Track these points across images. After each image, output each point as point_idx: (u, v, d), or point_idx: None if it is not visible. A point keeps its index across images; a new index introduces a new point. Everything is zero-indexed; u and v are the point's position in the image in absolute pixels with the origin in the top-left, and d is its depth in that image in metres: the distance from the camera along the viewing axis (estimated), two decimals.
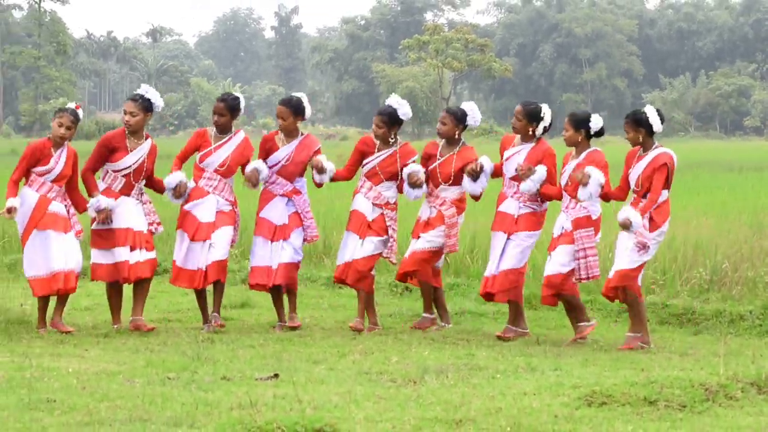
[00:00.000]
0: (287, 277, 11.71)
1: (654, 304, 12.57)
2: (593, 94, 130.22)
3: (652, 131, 10.90)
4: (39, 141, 11.31)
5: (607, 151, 11.22)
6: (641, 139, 10.92)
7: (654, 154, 10.86)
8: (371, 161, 11.77)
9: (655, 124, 10.89)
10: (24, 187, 11.16)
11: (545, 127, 11.50)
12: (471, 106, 11.88)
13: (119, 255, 11.29)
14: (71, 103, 11.48)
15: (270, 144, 11.79)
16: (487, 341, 11.14)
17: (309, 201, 11.92)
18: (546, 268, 11.22)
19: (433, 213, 11.67)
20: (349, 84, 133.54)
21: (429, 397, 8.07)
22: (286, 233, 11.72)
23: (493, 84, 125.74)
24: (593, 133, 11.20)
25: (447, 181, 11.66)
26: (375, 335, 11.40)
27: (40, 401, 7.75)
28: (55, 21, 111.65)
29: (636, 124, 10.92)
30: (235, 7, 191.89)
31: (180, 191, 11.49)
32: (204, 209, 11.50)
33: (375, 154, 11.76)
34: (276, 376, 8.86)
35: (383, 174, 11.74)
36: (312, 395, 8.04)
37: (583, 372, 9.30)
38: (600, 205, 11.21)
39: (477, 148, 11.75)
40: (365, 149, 11.83)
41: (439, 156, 11.73)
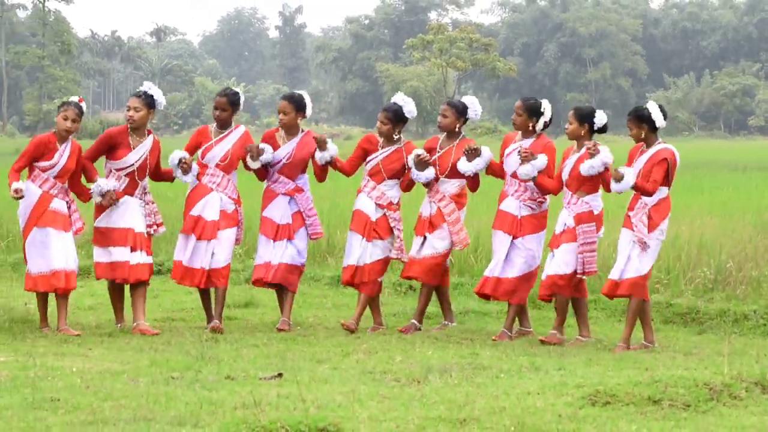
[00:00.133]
0: (284, 278, 11.66)
1: (658, 303, 12.56)
2: (597, 93, 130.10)
3: (654, 127, 10.86)
4: (44, 135, 11.29)
5: (612, 150, 11.19)
6: (644, 136, 10.88)
7: (655, 149, 10.83)
8: (374, 158, 11.76)
9: (658, 119, 10.85)
10: (27, 182, 11.14)
11: (546, 122, 11.49)
12: (471, 99, 11.88)
13: (118, 255, 11.28)
14: (74, 97, 11.49)
15: (270, 142, 11.77)
16: (491, 340, 11.14)
17: (312, 198, 11.91)
18: (548, 266, 11.19)
19: (434, 209, 11.65)
20: (353, 83, 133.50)
21: (433, 397, 8.06)
22: (289, 232, 11.72)
23: (497, 83, 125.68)
24: (596, 129, 11.20)
25: (445, 173, 11.64)
26: (379, 334, 11.40)
27: (44, 400, 7.75)
28: (60, 20, 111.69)
29: (639, 120, 10.89)
30: (240, 7, 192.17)
31: (186, 166, 11.47)
32: (208, 208, 11.51)
33: (378, 151, 11.77)
34: (280, 375, 8.86)
35: (386, 172, 11.72)
36: (316, 394, 8.04)
37: (587, 371, 9.30)
38: (602, 200, 11.21)
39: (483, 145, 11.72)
40: (368, 147, 11.83)
41: (439, 149, 11.72)
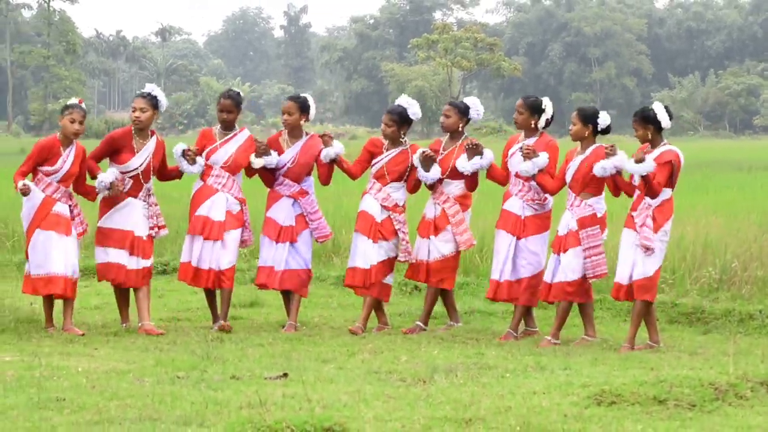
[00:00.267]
0: (294, 284, 11.70)
1: (663, 303, 12.54)
2: (602, 93, 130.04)
3: (660, 128, 10.82)
4: (47, 139, 11.28)
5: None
6: (650, 137, 10.83)
7: (660, 150, 10.78)
8: (379, 161, 11.76)
9: (664, 120, 10.80)
10: (31, 184, 11.13)
11: (547, 120, 11.48)
12: (473, 100, 11.90)
13: (116, 257, 11.30)
14: (74, 99, 11.48)
15: (274, 146, 11.77)
16: (497, 340, 11.14)
17: (317, 200, 11.92)
18: (556, 273, 11.08)
19: (438, 211, 11.65)
20: (358, 83, 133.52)
21: (438, 396, 8.06)
22: (292, 235, 11.72)
23: (502, 83, 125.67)
24: (600, 130, 11.18)
25: (446, 173, 11.62)
26: (384, 334, 11.41)
27: (49, 400, 7.76)
28: (65, 20, 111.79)
29: (644, 121, 10.83)
30: (245, 7, 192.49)
31: (190, 156, 11.45)
32: (214, 208, 11.51)
33: (383, 154, 11.77)
34: (285, 375, 8.86)
35: (390, 175, 11.72)
36: (321, 394, 8.04)
37: (593, 371, 9.29)
38: (605, 203, 11.19)
39: (486, 146, 11.69)
40: (374, 150, 11.83)
41: (442, 150, 11.72)
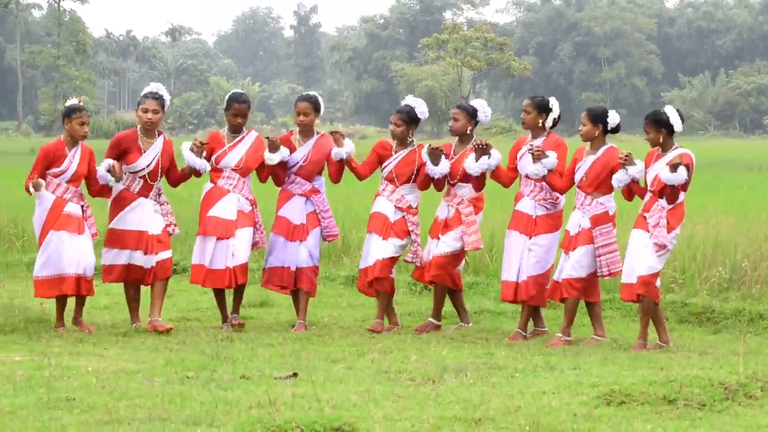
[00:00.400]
0: (309, 282, 11.73)
1: (673, 302, 12.53)
2: (612, 92, 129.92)
3: (672, 131, 10.78)
4: (52, 143, 11.30)
5: (626, 149, 11.17)
6: (662, 140, 10.79)
7: (673, 154, 10.75)
8: (390, 164, 11.76)
9: (676, 124, 10.74)
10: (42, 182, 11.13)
11: (555, 119, 11.47)
12: (480, 102, 11.91)
13: (132, 258, 11.31)
14: (73, 100, 11.48)
15: (287, 145, 11.75)
16: (506, 340, 11.13)
17: (327, 200, 11.92)
18: (564, 269, 11.13)
19: (451, 213, 11.65)
20: (368, 83, 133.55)
21: (448, 396, 8.06)
22: (303, 233, 11.73)
23: (512, 83, 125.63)
24: (609, 129, 11.17)
25: (456, 177, 11.61)
26: (394, 334, 11.41)
27: (59, 400, 7.77)
28: (75, 20, 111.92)
29: (656, 124, 10.77)
30: (254, 6, 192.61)
31: (198, 148, 11.44)
32: (226, 208, 11.51)
33: (392, 156, 11.77)
34: (295, 375, 8.86)
35: (399, 178, 11.71)
36: (331, 394, 8.04)
37: (602, 371, 9.28)
38: (615, 202, 11.18)
39: (496, 146, 11.70)
40: (382, 152, 11.83)
41: (453, 155, 11.70)
